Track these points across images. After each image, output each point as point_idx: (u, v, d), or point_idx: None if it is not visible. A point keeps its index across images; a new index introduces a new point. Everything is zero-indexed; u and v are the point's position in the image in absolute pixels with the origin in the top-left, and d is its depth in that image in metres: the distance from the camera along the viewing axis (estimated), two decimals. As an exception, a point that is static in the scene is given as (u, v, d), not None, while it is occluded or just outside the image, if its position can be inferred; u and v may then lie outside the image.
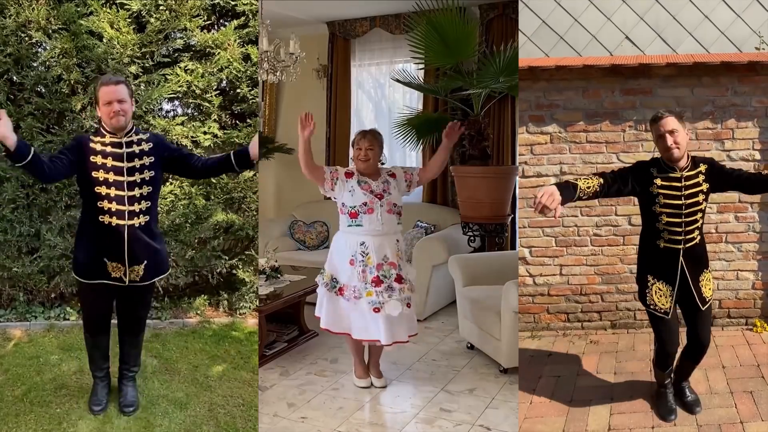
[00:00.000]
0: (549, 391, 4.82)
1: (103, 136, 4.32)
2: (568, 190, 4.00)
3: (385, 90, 9.56)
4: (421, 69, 8.68)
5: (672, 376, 4.53)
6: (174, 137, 6.33)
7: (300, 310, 6.66)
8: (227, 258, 6.81)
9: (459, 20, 7.57)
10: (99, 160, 4.25)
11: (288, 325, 6.59)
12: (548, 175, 5.78)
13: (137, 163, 4.31)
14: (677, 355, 4.44)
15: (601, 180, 4.16)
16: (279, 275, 6.64)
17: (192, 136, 6.45)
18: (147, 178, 4.34)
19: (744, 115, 5.59)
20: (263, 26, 7.19)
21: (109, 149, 4.28)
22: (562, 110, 5.73)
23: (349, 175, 5.24)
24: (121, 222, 4.28)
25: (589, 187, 4.10)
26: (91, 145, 4.27)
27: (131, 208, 4.29)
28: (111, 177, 4.25)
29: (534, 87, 5.72)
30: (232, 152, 4.44)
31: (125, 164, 4.29)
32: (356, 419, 4.89)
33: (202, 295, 6.89)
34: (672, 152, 4.11)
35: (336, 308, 5.34)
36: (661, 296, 4.29)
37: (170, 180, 6.43)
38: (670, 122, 4.09)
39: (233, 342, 6.08)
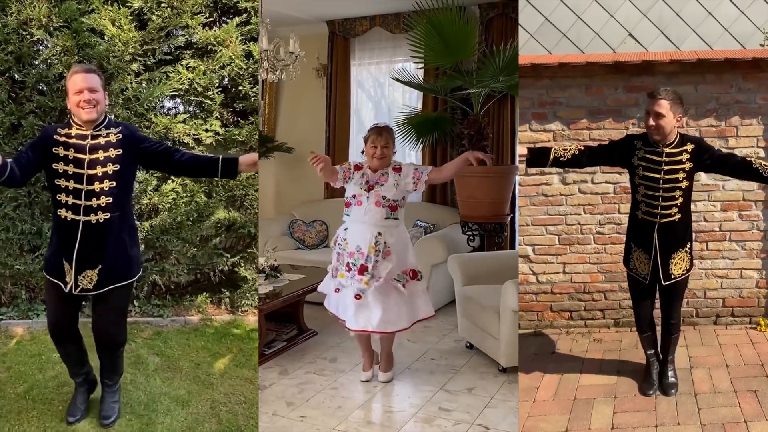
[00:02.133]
0: (552, 389, 4.80)
1: (71, 128, 4.12)
2: (542, 156, 4.53)
3: (384, 89, 9.54)
4: (420, 68, 8.68)
5: (657, 349, 4.80)
6: (176, 135, 6.31)
7: (299, 309, 6.62)
8: (229, 256, 6.84)
9: (459, 19, 7.59)
10: (61, 151, 4.03)
11: (287, 324, 6.56)
12: (551, 173, 5.75)
13: (101, 155, 4.06)
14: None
15: (582, 147, 4.55)
16: (278, 274, 6.61)
17: (194, 134, 6.43)
18: (110, 172, 4.07)
19: (748, 112, 5.56)
20: (263, 25, 7.17)
21: (72, 140, 4.06)
22: (565, 108, 5.70)
23: (358, 168, 5.26)
24: (76, 217, 4.04)
25: (566, 150, 4.49)
26: (55, 136, 4.06)
27: (89, 203, 4.04)
28: (71, 169, 4.03)
29: (537, 84, 5.69)
30: (221, 157, 4.23)
31: (87, 156, 4.04)
32: (355, 418, 4.86)
33: (204, 293, 6.89)
34: (650, 132, 4.33)
35: None
36: (640, 263, 4.57)
37: (171, 178, 6.40)
38: (661, 105, 4.25)
39: (235, 339, 6.09)
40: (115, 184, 4.09)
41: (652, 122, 4.26)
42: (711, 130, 5.57)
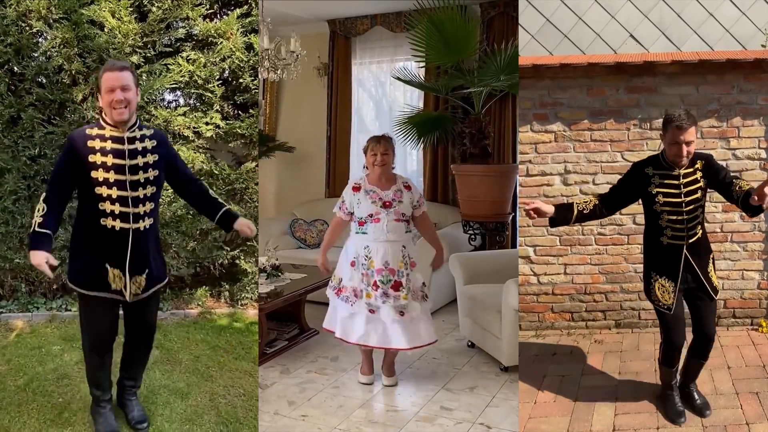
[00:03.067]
0: (553, 390, 4.81)
1: (103, 128, 3.95)
2: (565, 210, 4.34)
3: (385, 88, 9.54)
4: (421, 67, 8.67)
5: (678, 377, 4.52)
6: (176, 128, 6.30)
7: (300, 309, 6.63)
8: (229, 249, 6.85)
9: (460, 18, 7.57)
10: (98, 158, 3.88)
11: (288, 323, 6.57)
12: (552, 173, 5.77)
13: (140, 161, 3.96)
14: (683, 354, 4.42)
15: (598, 198, 4.38)
16: (279, 273, 6.61)
17: (194, 127, 6.43)
18: (151, 178, 4.00)
19: (749, 113, 5.58)
20: (264, 24, 7.17)
21: (109, 145, 3.91)
22: (567, 108, 5.71)
23: (356, 189, 5.26)
24: (125, 225, 3.93)
25: (586, 202, 4.35)
26: (89, 143, 3.90)
27: (136, 210, 3.94)
28: (112, 176, 3.89)
29: (538, 85, 5.70)
30: (225, 208, 4.34)
31: (127, 162, 3.92)
32: (356, 417, 4.87)
33: (204, 286, 6.92)
34: (681, 160, 4.12)
35: (333, 307, 5.44)
36: (664, 292, 4.30)
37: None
38: (691, 134, 4.04)
39: (234, 333, 6.15)
40: (155, 189, 4.06)
41: (684, 152, 4.06)
42: (712, 131, 5.58)
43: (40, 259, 3.75)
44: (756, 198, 3.73)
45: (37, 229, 3.83)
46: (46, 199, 3.88)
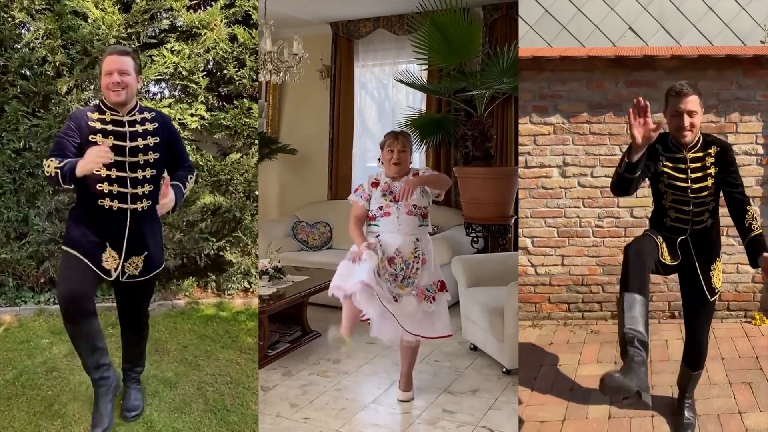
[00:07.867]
0: (550, 379, 4.82)
1: (103, 112, 3.97)
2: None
3: (388, 90, 9.56)
4: (424, 69, 8.71)
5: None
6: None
7: (303, 311, 6.63)
8: (215, 240, 6.85)
9: (462, 21, 7.59)
10: (99, 139, 3.86)
11: (291, 325, 6.56)
12: (551, 165, 5.79)
13: (140, 143, 3.98)
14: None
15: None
16: (282, 276, 6.58)
17: (179, 119, 6.41)
18: (151, 160, 4.01)
19: (748, 109, 5.60)
20: (266, 26, 7.20)
21: (110, 127, 3.93)
22: (566, 101, 5.73)
23: (375, 184, 5.04)
24: (123, 206, 3.94)
25: None
26: (90, 123, 3.91)
27: (134, 191, 3.95)
28: (112, 158, 3.81)
29: (538, 77, 5.72)
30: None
31: (128, 143, 3.94)
32: (359, 420, 4.86)
33: (191, 277, 6.94)
34: (685, 135, 3.77)
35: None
36: (665, 252, 3.86)
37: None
38: (693, 102, 3.70)
39: (221, 322, 6.22)
40: (155, 171, 4.08)
41: (687, 123, 3.70)
42: (711, 126, 5.57)
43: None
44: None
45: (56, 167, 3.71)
46: (52, 155, 3.78)
